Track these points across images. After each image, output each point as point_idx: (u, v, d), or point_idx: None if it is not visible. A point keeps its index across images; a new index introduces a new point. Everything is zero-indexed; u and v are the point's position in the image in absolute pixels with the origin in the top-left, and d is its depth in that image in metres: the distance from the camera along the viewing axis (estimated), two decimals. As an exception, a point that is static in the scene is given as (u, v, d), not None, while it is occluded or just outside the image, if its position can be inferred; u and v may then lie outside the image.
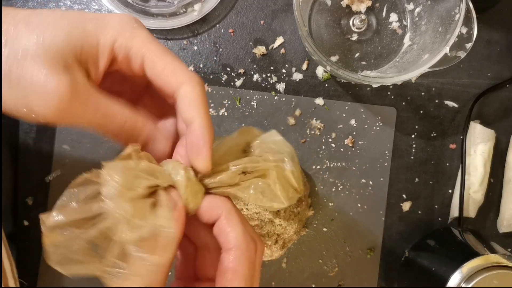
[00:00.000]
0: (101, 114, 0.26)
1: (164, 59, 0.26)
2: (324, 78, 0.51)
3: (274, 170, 0.27)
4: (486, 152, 0.50)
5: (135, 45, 0.26)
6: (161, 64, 0.26)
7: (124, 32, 0.26)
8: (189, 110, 0.27)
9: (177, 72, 0.27)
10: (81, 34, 0.25)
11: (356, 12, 0.51)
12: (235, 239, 0.26)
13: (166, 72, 0.27)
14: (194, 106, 0.27)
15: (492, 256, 0.41)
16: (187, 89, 0.27)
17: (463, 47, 0.44)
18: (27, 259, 0.50)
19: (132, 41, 0.26)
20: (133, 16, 0.27)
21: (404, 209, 0.52)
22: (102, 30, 0.26)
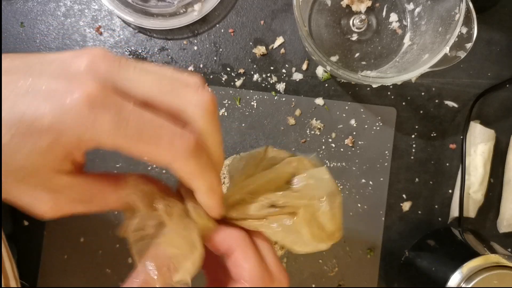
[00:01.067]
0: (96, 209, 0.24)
1: (137, 150, 0.22)
2: (324, 78, 0.51)
3: (305, 208, 0.25)
4: (486, 152, 0.50)
5: (102, 145, 0.22)
6: (137, 156, 0.23)
7: (82, 137, 0.21)
8: (189, 183, 0.25)
9: (159, 159, 0.23)
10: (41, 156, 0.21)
11: (356, 12, 0.51)
12: (248, 272, 0.25)
13: (148, 160, 0.23)
14: (189, 181, 0.24)
15: (492, 256, 0.41)
16: (176, 168, 0.23)
17: (463, 47, 0.44)
18: (27, 259, 0.50)
19: (97, 142, 0.21)
20: (90, 88, 0.21)
21: (404, 209, 0.52)
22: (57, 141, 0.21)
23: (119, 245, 0.50)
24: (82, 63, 0.22)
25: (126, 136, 0.21)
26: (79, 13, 0.51)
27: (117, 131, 0.21)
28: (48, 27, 0.51)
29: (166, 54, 0.51)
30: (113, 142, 0.21)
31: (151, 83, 0.23)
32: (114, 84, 0.22)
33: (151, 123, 0.22)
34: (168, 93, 0.23)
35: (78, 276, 0.49)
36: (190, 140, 0.23)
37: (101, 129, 0.21)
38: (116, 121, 0.21)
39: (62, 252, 0.50)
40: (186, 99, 0.23)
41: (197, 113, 0.23)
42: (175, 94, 0.23)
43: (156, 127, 0.22)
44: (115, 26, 0.51)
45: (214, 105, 0.24)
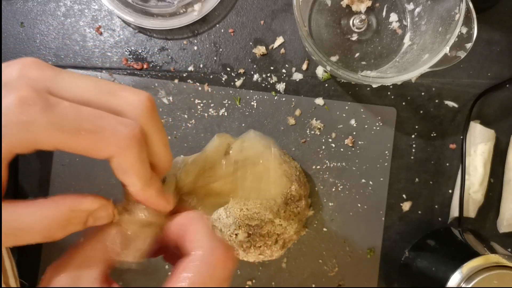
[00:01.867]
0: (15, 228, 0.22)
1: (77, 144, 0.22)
2: (324, 78, 0.51)
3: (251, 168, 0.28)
4: (486, 152, 0.50)
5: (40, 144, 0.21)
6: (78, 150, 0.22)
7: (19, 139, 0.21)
8: (122, 178, 0.24)
9: (99, 151, 0.22)
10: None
11: (356, 12, 0.51)
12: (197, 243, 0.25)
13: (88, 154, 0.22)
14: (127, 178, 0.24)
15: (492, 256, 0.41)
16: (115, 163, 0.23)
17: (463, 47, 0.44)
18: (27, 259, 0.50)
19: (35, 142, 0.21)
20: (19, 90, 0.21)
21: (404, 209, 0.52)
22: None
23: (119, 245, 0.50)
24: (14, 71, 0.22)
25: (64, 130, 0.21)
26: (79, 13, 0.51)
27: (54, 127, 0.21)
28: (48, 27, 0.51)
29: (166, 54, 0.51)
30: (52, 139, 0.21)
31: (87, 86, 0.23)
32: (48, 88, 0.22)
33: (90, 115, 0.22)
34: (105, 94, 0.23)
35: (78, 276, 0.49)
36: (134, 128, 0.23)
37: (37, 128, 0.20)
38: (52, 117, 0.21)
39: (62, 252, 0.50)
40: (123, 99, 0.23)
41: (135, 112, 0.23)
42: (112, 95, 0.23)
43: (97, 118, 0.22)
44: (115, 26, 0.51)
45: (152, 103, 0.24)
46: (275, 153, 0.30)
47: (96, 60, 0.51)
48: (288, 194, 0.46)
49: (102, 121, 0.22)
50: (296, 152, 0.51)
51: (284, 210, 0.46)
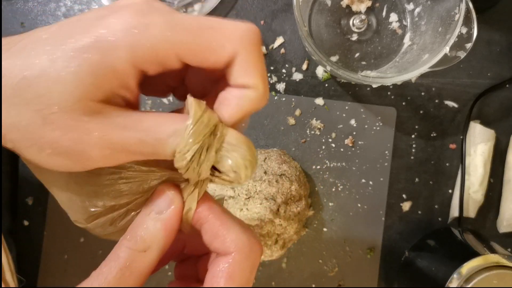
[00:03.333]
0: (150, 149, 0.21)
1: (200, 41, 0.21)
2: (324, 78, 0.51)
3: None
4: (486, 152, 0.50)
5: (160, 50, 0.20)
6: (200, 50, 0.21)
7: (138, 44, 0.20)
8: (245, 79, 0.22)
9: (224, 46, 0.21)
10: (89, 77, 0.20)
11: (356, 12, 0.51)
12: (234, 242, 0.23)
13: (211, 55, 0.21)
14: (250, 75, 0.22)
15: (492, 256, 0.41)
16: (240, 59, 0.21)
17: (463, 47, 0.44)
18: (27, 259, 0.50)
19: (154, 47, 0.20)
20: (138, 2, 0.21)
21: (404, 209, 0.52)
22: (112, 57, 0.20)
23: (119, 245, 0.50)
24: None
25: (185, 30, 0.20)
26: (79, 13, 0.51)
27: (174, 26, 0.20)
28: (48, 27, 0.51)
29: (166, 54, 0.51)
30: (173, 41, 0.20)
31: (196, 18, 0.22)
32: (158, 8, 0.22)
33: (207, 18, 0.21)
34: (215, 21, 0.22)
35: (78, 276, 0.49)
36: (253, 25, 0.22)
37: (156, 30, 0.20)
38: (170, 20, 0.20)
39: (62, 252, 0.50)
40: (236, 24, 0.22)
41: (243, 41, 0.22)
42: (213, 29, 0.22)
43: (214, 19, 0.21)
44: (115, 26, 0.51)
45: (259, 35, 0.23)
46: None
47: (96, 60, 0.51)
48: (288, 194, 0.46)
49: (221, 21, 0.21)
50: (296, 152, 0.51)
51: (284, 210, 0.46)
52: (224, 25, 0.21)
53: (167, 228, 0.23)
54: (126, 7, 0.20)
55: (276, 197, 0.46)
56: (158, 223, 0.23)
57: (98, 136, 0.20)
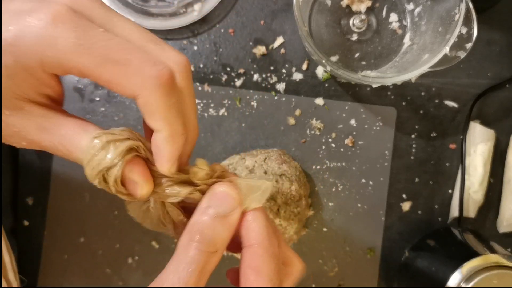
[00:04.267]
0: (64, 150, 0.22)
1: (101, 72, 0.21)
2: (324, 78, 0.51)
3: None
4: (486, 152, 0.50)
5: (65, 64, 0.20)
6: (102, 80, 0.21)
7: (45, 55, 0.20)
8: (149, 120, 0.22)
9: (124, 85, 0.21)
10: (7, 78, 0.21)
11: (356, 12, 0.51)
12: (257, 234, 0.24)
13: (112, 86, 0.21)
14: (151, 120, 0.22)
15: (492, 256, 0.41)
16: (140, 103, 0.21)
17: (463, 47, 0.44)
18: (27, 259, 0.50)
19: (59, 61, 0.20)
20: (58, 5, 0.21)
21: (404, 209, 0.52)
22: (23, 61, 0.20)
23: (119, 245, 0.50)
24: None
25: (90, 54, 0.20)
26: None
27: (81, 48, 0.20)
28: (48, 27, 0.51)
29: (166, 54, 0.51)
30: (78, 61, 0.20)
31: (133, 29, 0.22)
32: (90, 17, 0.21)
33: (121, 46, 0.21)
34: (148, 41, 0.22)
35: (78, 276, 0.49)
36: (163, 70, 0.21)
37: (63, 45, 0.20)
38: (81, 38, 0.20)
39: (62, 252, 0.50)
40: (166, 52, 0.22)
41: (177, 68, 0.22)
42: (156, 45, 0.23)
43: (127, 50, 0.21)
44: (115, 26, 0.51)
45: (190, 67, 0.24)
46: None
47: (96, 60, 0.51)
48: (288, 194, 0.46)
49: (132, 54, 0.21)
50: (296, 152, 0.51)
51: (284, 210, 0.46)
52: (132, 62, 0.21)
53: (232, 230, 0.24)
54: (47, 6, 0.20)
55: (276, 198, 0.46)
56: (226, 226, 0.24)
57: (17, 131, 0.21)
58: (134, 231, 0.50)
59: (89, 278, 0.49)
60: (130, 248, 0.50)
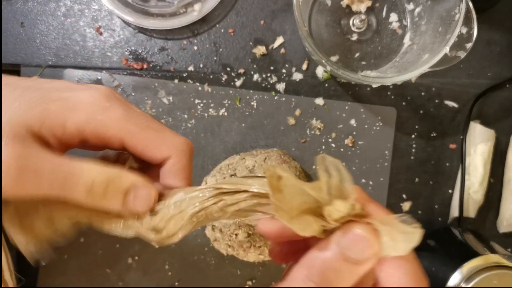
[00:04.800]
0: (62, 177, 0.23)
1: (145, 136, 0.25)
2: (324, 78, 0.51)
3: None
4: (486, 152, 0.50)
5: (109, 130, 0.24)
6: (143, 143, 0.25)
7: (94, 117, 0.24)
8: (171, 180, 0.26)
9: (162, 148, 0.25)
10: (40, 114, 0.23)
11: (356, 12, 0.51)
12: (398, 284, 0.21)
13: (150, 150, 0.25)
14: (177, 178, 0.26)
15: (492, 256, 0.41)
16: (171, 162, 0.26)
17: (463, 47, 0.44)
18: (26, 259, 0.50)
19: (106, 126, 0.24)
20: (107, 89, 0.25)
21: (404, 209, 0.52)
22: (69, 114, 0.24)
23: (119, 245, 0.50)
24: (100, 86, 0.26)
25: (134, 123, 0.25)
26: (79, 13, 0.51)
27: (128, 118, 0.25)
28: (48, 27, 0.51)
29: (166, 54, 0.51)
30: (124, 128, 0.24)
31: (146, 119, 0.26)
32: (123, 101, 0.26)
33: (155, 120, 0.26)
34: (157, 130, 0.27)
35: (78, 276, 0.49)
36: (189, 141, 0.27)
37: (114, 114, 0.24)
38: (127, 111, 0.25)
39: (62, 252, 0.50)
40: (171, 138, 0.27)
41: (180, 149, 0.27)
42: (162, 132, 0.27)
43: (160, 124, 0.26)
44: (115, 26, 0.51)
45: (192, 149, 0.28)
46: None
47: (96, 60, 0.51)
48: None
49: (164, 127, 0.26)
50: (296, 152, 0.51)
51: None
52: (167, 132, 0.26)
53: (356, 282, 0.21)
54: (96, 88, 0.25)
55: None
56: (353, 274, 0.21)
57: (19, 156, 0.22)
58: (134, 231, 0.50)
59: (89, 278, 0.49)
60: (130, 248, 0.50)
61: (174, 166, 0.26)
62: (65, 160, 0.23)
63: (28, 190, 0.22)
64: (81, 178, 0.23)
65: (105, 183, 0.23)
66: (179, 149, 0.26)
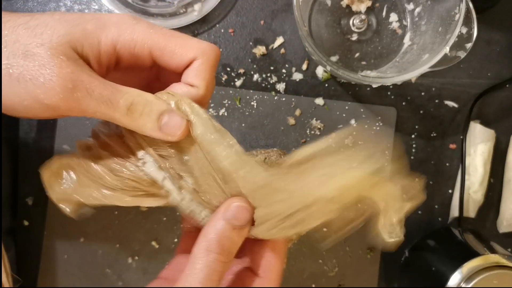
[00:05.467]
0: (107, 95, 0.26)
1: (171, 42, 0.27)
2: (324, 78, 0.51)
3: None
4: (486, 152, 0.50)
5: (138, 41, 0.27)
6: (169, 48, 0.27)
7: (124, 31, 0.26)
8: (193, 79, 0.28)
9: (188, 50, 0.27)
10: (81, 34, 0.26)
11: (356, 12, 0.51)
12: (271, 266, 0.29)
13: (177, 54, 0.27)
14: (199, 77, 0.28)
15: (492, 256, 0.41)
16: (196, 62, 0.28)
17: (463, 47, 0.44)
18: (27, 259, 0.50)
19: (134, 38, 0.27)
20: (132, 15, 0.28)
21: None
22: (102, 30, 0.26)
23: (119, 245, 0.50)
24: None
25: (161, 33, 0.27)
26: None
27: (154, 29, 0.27)
28: (48, 27, 0.51)
29: (166, 54, 0.51)
30: (152, 38, 0.27)
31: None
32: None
33: (179, 33, 0.28)
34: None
35: (78, 276, 0.49)
36: (216, 47, 0.29)
37: (140, 26, 0.27)
38: (151, 27, 0.27)
39: (62, 252, 0.50)
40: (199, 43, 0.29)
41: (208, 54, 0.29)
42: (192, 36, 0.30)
43: (184, 34, 0.28)
44: (115, 26, 0.51)
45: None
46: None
47: (96, 60, 0.51)
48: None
49: (190, 36, 0.28)
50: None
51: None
52: (192, 39, 0.28)
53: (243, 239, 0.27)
54: (121, 14, 0.28)
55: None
56: (241, 238, 0.27)
57: (68, 71, 0.25)
58: (134, 231, 0.50)
59: (89, 278, 0.49)
60: (130, 248, 0.50)
61: (199, 66, 0.27)
62: (109, 82, 0.26)
63: (81, 107, 0.25)
64: (123, 98, 0.26)
65: (142, 105, 0.26)
66: (205, 52, 0.28)
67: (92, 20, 0.26)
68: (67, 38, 0.25)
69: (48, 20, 0.26)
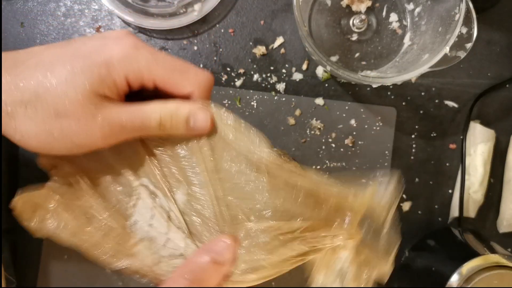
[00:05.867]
0: (139, 121, 0.30)
1: (172, 77, 0.30)
2: (324, 78, 0.51)
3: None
4: (486, 152, 0.50)
5: (145, 73, 0.30)
6: (171, 82, 0.31)
7: (132, 65, 0.29)
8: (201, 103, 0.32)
9: (186, 85, 0.31)
10: (99, 83, 0.29)
11: (356, 12, 0.51)
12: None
13: (178, 87, 0.31)
14: (197, 101, 0.32)
15: (492, 256, 0.41)
16: (195, 94, 0.32)
17: (463, 47, 0.44)
18: (26, 259, 0.50)
19: (141, 72, 0.30)
20: (130, 37, 0.30)
21: (404, 209, 0.52)
22: (113, 70, 0.29)
23: (119, 245, 0.50)
24: (122, 32, 0.32)
25: (163, 66, 0.30)
26: (79, 13, 0.51)
27: (156, 62, 0.30)
28: (48, 27, 0.51)
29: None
30: (153, 71, 0.30)
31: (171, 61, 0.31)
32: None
33: (178, 61, 0.31)
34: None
35: (78, 276, 0.49)
36: (210, 74, 0.32)
37: (144, 59, 0.29)
38: (155, 56, 0.30)
39: (62, 252, 0.50)
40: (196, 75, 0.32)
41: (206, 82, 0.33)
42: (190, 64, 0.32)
43: (183, 63, 0.31)
44: (115, 26, 0.51)
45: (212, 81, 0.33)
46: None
47: (96, 60, 0.51)
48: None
49: (188, 65, 0.31)
50: (296, 152, 0.51)
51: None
52: (190, 71, 0.31)
53: (220, 281, 0.30)
54: (124, 38, 0.30)
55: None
56: (220, 275, 0.30)
57: (101, 118, 0.29)
58: (134, 231, 0.50)
59: (89, 278, 0.49)
60: (130, 248, 0.50)
61: (196, 97, 0.32)
62: (133, 107, 0.30)
63: (119, 138, 0.30)
64: (151, 117, 0.30)
65: (169, 115, 0.30)
66: (201, 86, 0.31)
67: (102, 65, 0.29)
68: (90, 89, 0.28)
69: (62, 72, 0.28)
